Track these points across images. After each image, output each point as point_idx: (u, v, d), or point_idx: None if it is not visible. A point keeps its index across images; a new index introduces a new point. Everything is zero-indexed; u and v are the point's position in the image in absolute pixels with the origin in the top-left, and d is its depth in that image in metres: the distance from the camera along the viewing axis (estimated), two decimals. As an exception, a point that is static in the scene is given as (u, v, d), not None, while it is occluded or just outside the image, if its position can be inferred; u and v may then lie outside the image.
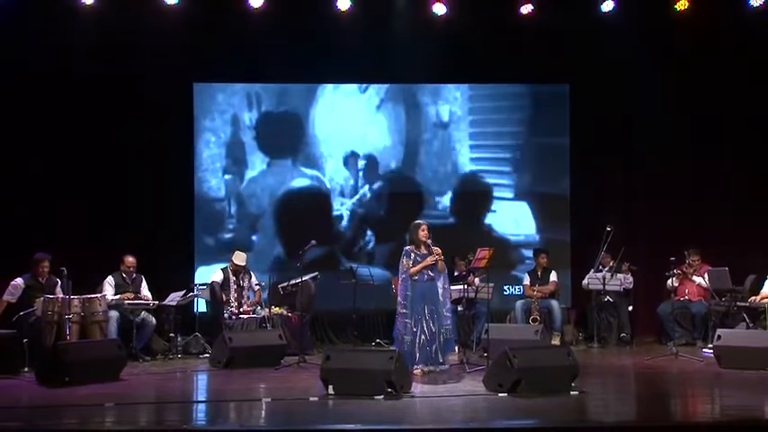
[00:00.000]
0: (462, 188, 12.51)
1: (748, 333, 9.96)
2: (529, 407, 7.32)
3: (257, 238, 12.26)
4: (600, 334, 11.37)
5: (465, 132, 12.53)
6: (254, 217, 12.30)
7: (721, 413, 7.54)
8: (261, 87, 12.37)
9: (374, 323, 11.77)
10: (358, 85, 12.49)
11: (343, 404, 7.51)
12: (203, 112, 12.26)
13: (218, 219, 12.25)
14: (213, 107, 12.31)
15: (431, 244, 9.13)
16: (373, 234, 12.41)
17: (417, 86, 12.52)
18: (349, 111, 12.49)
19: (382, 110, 12.51)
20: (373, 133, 12.50)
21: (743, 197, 11.86)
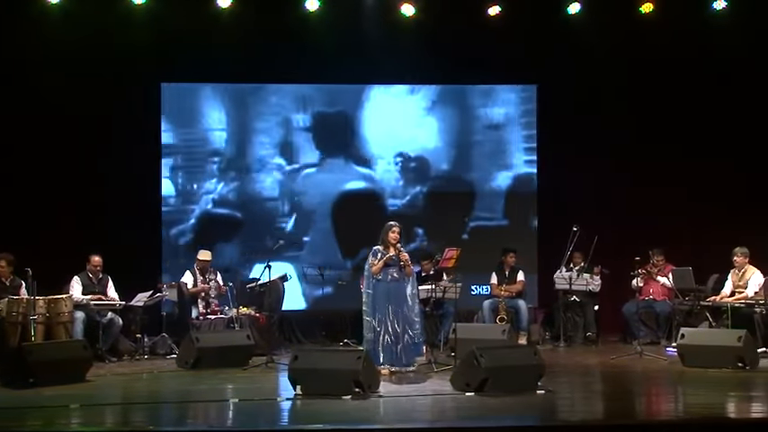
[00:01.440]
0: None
1: (711, 332, 10.09)
2: (496, 406, 7.36)
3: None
4: (566, 333, 11.45)
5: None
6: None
7: (685, 411, 7.62)
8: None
9: (342, 323, 11.75)
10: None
11: (311, 404, 7.50)
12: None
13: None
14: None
15: (401, 248, 9.12)
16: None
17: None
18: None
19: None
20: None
21: (706, 198, 12.01)
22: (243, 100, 12.37)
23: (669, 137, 12.08)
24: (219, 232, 12.15)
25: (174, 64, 11.93)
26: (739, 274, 10.62)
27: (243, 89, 12.36)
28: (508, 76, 12.48)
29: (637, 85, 12.03)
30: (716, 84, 11.92)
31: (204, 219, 12.25)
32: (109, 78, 11.53)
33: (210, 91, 12.30)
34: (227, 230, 12.21)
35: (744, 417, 7.23)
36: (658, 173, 12.12)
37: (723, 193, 11.99)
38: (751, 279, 10.46)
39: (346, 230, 12.27)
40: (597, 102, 12.16)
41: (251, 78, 12.28)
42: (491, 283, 11.80)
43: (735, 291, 10.60)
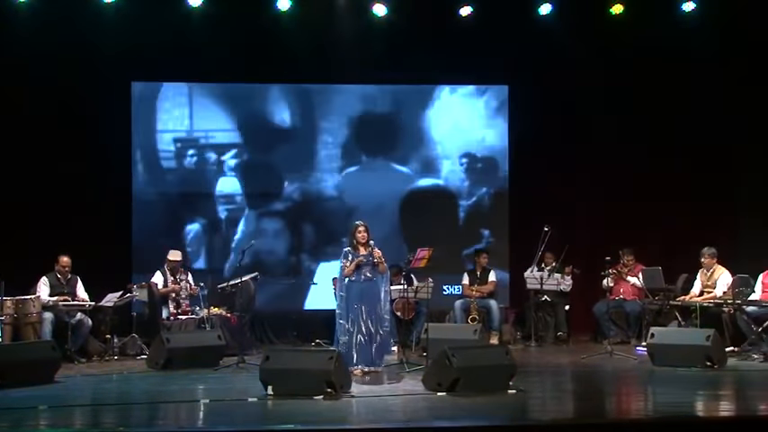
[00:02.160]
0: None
1: (680, 331, 10.18)
2: (467, 406, 7.38)
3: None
4: (537, 333, 11.51)
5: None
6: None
7: (654, 410, 7.68)
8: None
9: (314, 323, 11.73)
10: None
11: (283, 404, 7.47)
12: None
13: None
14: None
15: (372, 245, 9.12)
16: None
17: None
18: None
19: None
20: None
21: (677, 198, 12.13)
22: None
23: (640, 138, 12.18)
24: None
25: (144, 62, 11.83)
26: (708, 274, 10.73)
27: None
28: (478, 77, 12.50)
29: (608, 85, 12.10)
30: (685, 85, 12.03)
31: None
32: (78, 77, 11.44)
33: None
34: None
35: (712, 415, 7.30)
36: (629, 174, 12.21)
37: (694, 194, 12.11)
38: (719, 279, 10.57)
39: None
40: (569, 102, 12.22)
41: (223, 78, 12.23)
42: (463, 283, 11.83)
43: (704, 290, 10.71)
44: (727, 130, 12.03)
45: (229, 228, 12.19)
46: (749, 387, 8.43)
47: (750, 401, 7.91)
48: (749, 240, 11.66)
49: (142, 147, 12.17)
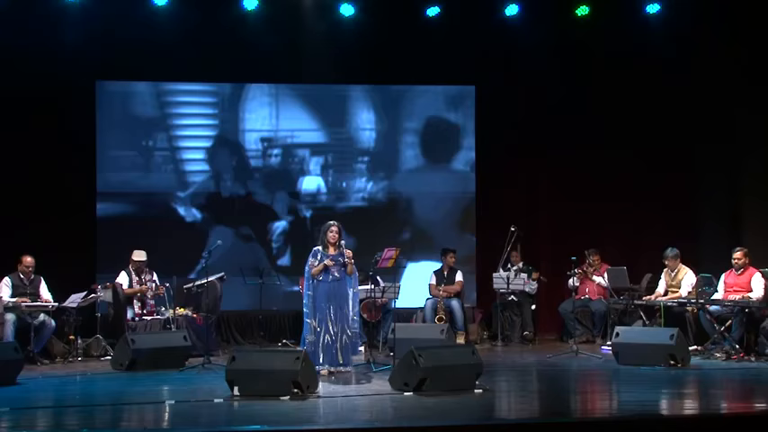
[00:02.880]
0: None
1: (644, 330, 10.27)
2: (434, 405, 7.38)
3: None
4: (504, 332, 11.57)
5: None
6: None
7: (619, 408, 7.74)
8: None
9: (281, 323, 11.70)
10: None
11: (249, 405, 7.44)
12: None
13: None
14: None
15: (343, 246, 9.10)
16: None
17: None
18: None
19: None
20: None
21: (641, 199, 12.24)
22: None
23: (605, 139, 12.28)
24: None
25: (107, 61, 11.73)
26: (672, 274, 10.84)
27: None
28: (447, 77, 12.53)
29: (574, 86, 12.18)
30: (649, 86, 12.14)
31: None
32: (42, 76, 11.31)
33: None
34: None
35: (676, 413, 7.38)
36: (595, 174, 12.30)
37: (659, 195, 12.23)
38: (684, 279, 10.68)
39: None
40: (535, 103, 12.29)
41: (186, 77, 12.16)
42: (430, 283, 11.85)
43: (668, 290, 10.83)
44: (689, 131, 12.16)
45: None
46: (712, 385, 8.52)
47: (713, 400, 8.00)
48: (711, 240, 11.80)
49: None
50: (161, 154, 12.25)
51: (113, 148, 12.09)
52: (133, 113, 12.14)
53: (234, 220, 12.24)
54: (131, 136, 12.16)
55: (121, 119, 12.11)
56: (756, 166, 11.63)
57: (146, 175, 12.17)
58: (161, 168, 12.25)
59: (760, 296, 9.89)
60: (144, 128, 12.18)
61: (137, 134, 12.18)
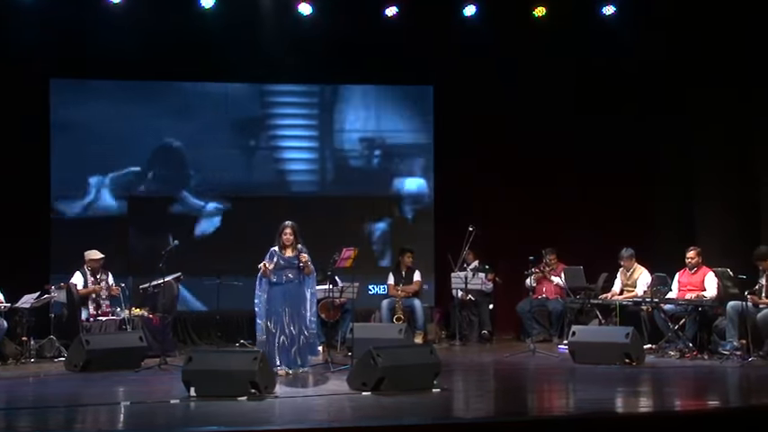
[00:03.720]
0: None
1: (600, 329, 10.37)
2: (391, 405, 7.38)
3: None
4: (462, 332, 11.61)
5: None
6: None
7: (575, 407, 7.81)
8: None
9: (238, 324, 11.64)
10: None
11: (206, 406, 7.38)
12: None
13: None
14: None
15: (300, 248, 9.05)
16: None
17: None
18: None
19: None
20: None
21: (597, 199, 12.36)
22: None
23: (562, 139, 12.37)
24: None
25: (63, 60, 11.58)
26: (628, 273, 10.97)
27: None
28: (404, 77, 12.56)
29: (532, 86, 12.26)
30: (606, 87, 12.27)
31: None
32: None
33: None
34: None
35: (631, 411, 7.45)
36: (553, 174, 12.39)
37: (614, 195, 12.35)
38: (640, 278, 10.82)
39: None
40: (492, 103, 12.35)
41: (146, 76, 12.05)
42: (388, 283, 11.87)
43: (624, 289, 10.96)
44: (644, 132, 12.30)
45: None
46: (666, 383, 8.62)
47: (667, 397, 8.10)
48: (665, 240, 11.95)
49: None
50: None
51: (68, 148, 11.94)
52: (90, 110, 12.00)
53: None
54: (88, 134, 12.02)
55: (76, 116, 11.97)
56: (708, 168, 11.78)
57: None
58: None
59: (713, 295, 10.03)
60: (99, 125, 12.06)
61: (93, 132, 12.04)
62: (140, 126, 12.13)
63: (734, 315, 9.67)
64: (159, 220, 11.96)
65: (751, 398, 8.23)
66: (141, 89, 12.16)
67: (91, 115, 11.98)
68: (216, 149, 12.33)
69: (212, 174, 12.30)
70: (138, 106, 12.12)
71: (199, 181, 12.29)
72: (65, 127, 11.90)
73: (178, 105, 12.24)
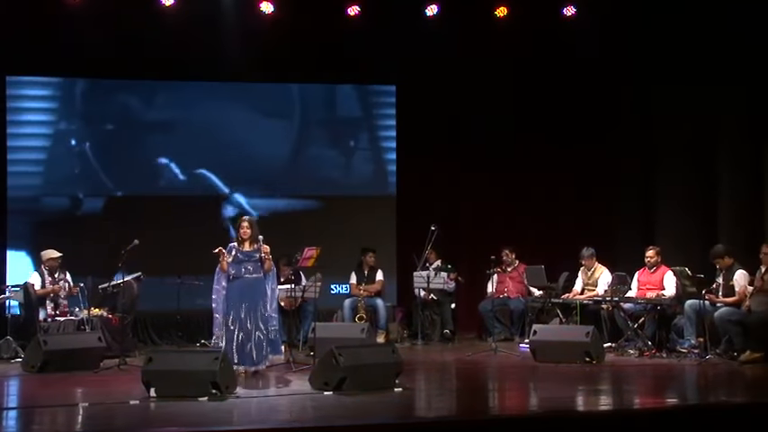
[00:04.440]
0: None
1: (561, 328, 10.47)
2: (353, 404, 7.37)
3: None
4: (424, 331, 11.63)
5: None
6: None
7: (537, 405, 7.87)
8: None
9: (199, 323, 11.53)
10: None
11: (166, 407, 7.32)
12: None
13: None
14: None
15: (260, 241, 8.97)
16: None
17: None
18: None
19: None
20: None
21: (559, 199, 12.45)
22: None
23: (524, 139, 12.44)
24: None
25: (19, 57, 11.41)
26: (589, 273, 11.07)
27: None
28: (368, 76, 12.56)
29: (494, 86, 12.31)
30: (567, 86, 12.35)
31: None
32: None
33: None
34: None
35: (591, 409, 7.52)
36: (514, 174, 12.46)
37: (573, 194, 12.45)
38: (600, 277, 10.92)
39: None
40: (455, 103, 12.38)
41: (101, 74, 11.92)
42: (350, 282, 11.85)
43: (585, 288, 11.05)
44: (605, 132, 12.40)
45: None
46: (625, 381, 8.71)
47: (626, 395, 8.18)
48: (625, 240, 12.06)
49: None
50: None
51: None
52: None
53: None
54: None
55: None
56: (668, 168, 11.91)
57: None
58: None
59: (672, 294, 10.15)
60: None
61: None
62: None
63: (692, 313, 9.80)
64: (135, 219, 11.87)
65: (708, 395, 8.34)
66: (103, 87, 12.04)
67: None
68: (182, 149, 12.29)
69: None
70: (104, 105, 12.04)
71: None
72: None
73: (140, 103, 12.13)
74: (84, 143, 12.02)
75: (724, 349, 9.52)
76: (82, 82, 11.99)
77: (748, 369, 8.98)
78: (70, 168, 11.99)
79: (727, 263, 9.77)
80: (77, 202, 11.99)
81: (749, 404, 7.46)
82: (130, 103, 12.17)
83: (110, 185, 12.08)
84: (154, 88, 12.22)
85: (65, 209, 11.95)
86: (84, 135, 12.02)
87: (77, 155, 11.99)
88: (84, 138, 12.01)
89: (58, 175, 11.93)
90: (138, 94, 12.19)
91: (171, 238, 11.94)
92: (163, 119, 12.26)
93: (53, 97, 11.95)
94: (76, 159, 11.98)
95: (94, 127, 12.07)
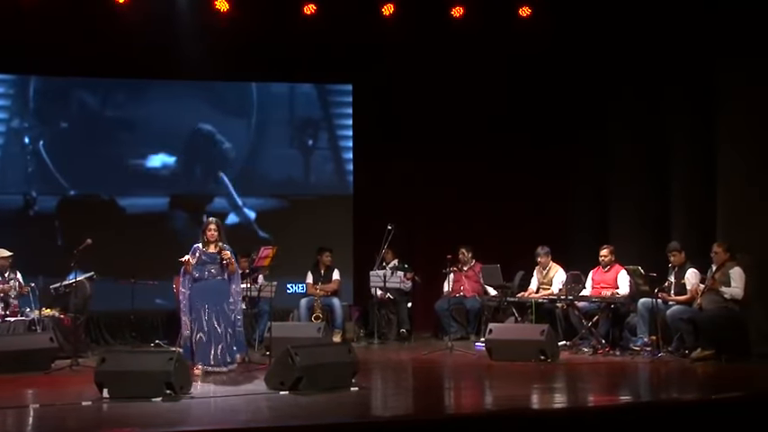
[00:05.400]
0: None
1: (516, 327, 10.54)
2: (309, 404, 7.35)
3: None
4: (380, 330, 11.63)
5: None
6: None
7: (492, 404, 7.90)
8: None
9: (153, 323, 11.43)
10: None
11: (119, 407, 7.24)
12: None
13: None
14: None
15: (223, 245, 8.92)
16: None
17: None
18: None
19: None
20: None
21: (514, 198, 12.53)
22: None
23: (479, 138, 12.50)
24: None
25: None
26: (544, 272, 11.15)
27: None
28: (325, 75, 12.52)
29: (451, 85, 12.35)
30: (522, 85, 12.43)
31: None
32: None
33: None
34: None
35: (546, 407, 7.57)
36: (470, 173, 12.51)
37: (528, 193, 12.53)
38: (555, 276, 11.01)
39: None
40: (412, 102, 12.40)
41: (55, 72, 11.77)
42: (307, 282, 11.82)
43: (540, 287, 11.13)
44: (560, 131, 12.50)
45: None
46: (579, 379, 8.79)
47: (580, 393, 8.25)
48: (580, 239, 12.16)
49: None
50: None
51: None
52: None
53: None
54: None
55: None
56: (621, 167, 12.03)
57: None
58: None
59: (626, 292, 10.27)
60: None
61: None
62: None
63: (644, 312, 9.92)
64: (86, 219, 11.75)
65: (660, 393, 8.45)
66: (57, 85, 11.88)
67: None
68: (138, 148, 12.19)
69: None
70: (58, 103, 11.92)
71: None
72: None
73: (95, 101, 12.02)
74: (38, 142, 11.86)
75: (676, 347, 9.66)
76: (35, 80, 11.82)
77: (699, 366, 9.12)
78: (23, 167, 11.84)
79: (681, 259, 9.89)
80: (30, 200, 11.84)
81: (700, 401, 7.56)
82: (86, 102, 12.06)
83: (64, 184, 11.93)
84: (110, 86, 12.14)
85: (17, 208, 11.80)
86: (38, 133, 11.87)
87: (31, 153, 11.84)
88: (37, 136, 11.87)
89: (11, 173, 11.79)
90: (93, 93, 12.10)
91: (124, 238, 11.83)
92: (119, 117, 12.18)
93: (6, 95, 11.78)
94: (30, 158, 11.83)
95: (48, 125, 11.94)
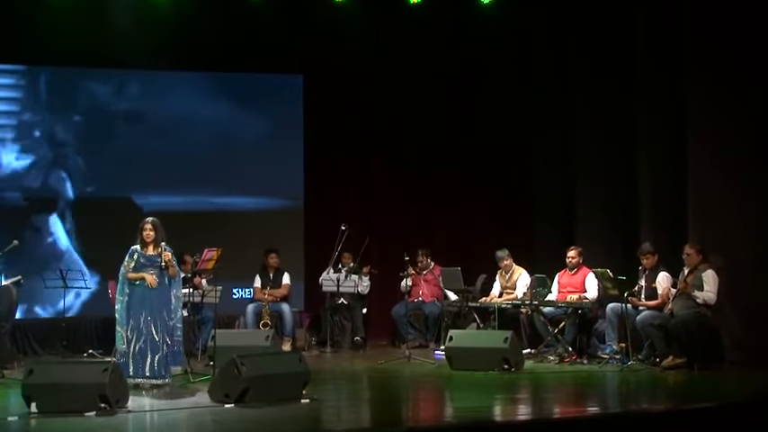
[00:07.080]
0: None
1: (478, 334, 10.57)
2: (257, 418, 7.30)
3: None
4: (333, 338, 11.61)
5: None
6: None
7: (452, 416, 7.92)
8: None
9: (87, 332, 11.28)
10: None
11: (49, 423, 7.12)
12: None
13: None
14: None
15: (163, 246, 8.80)
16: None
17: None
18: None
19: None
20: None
21: (475, 199, 12.59)
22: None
23: (438, 136, 12.54)
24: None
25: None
26: (506, 275, 11.19)
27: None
28: (272, 65, 12.45)
29: (407, 79, 12.36)
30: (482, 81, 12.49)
31: None
32: None
33: None
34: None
35: (510, 419, 7.60)
36: (429, 172, 12.55)
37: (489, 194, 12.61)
38: (519, 280, 11.05)
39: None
40: (366, 97, 12.40)
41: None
42: (254, 286, 11.74)
43: (503, 291, 11.17)
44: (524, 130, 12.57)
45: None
46: (544, 390, 8.82)
47: (545, 404, 8.29)
48: (544, 240, 12.25)
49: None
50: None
51: None
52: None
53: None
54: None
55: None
56: (588, 167, 12.14)
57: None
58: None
59: (594, 296, 10.34)
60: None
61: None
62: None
63: (613, 317, 9.99)
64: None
65: (630, 403, 8.52)
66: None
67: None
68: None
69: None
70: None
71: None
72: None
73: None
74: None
75: (646, 354, 9.74)
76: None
77: (671, 375, 9.21)
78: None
79: (654, 261, 9.97)
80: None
81: (671, 411, 7.64)
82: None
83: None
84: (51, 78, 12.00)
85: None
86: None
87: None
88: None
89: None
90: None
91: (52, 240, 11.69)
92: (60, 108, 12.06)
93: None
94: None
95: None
